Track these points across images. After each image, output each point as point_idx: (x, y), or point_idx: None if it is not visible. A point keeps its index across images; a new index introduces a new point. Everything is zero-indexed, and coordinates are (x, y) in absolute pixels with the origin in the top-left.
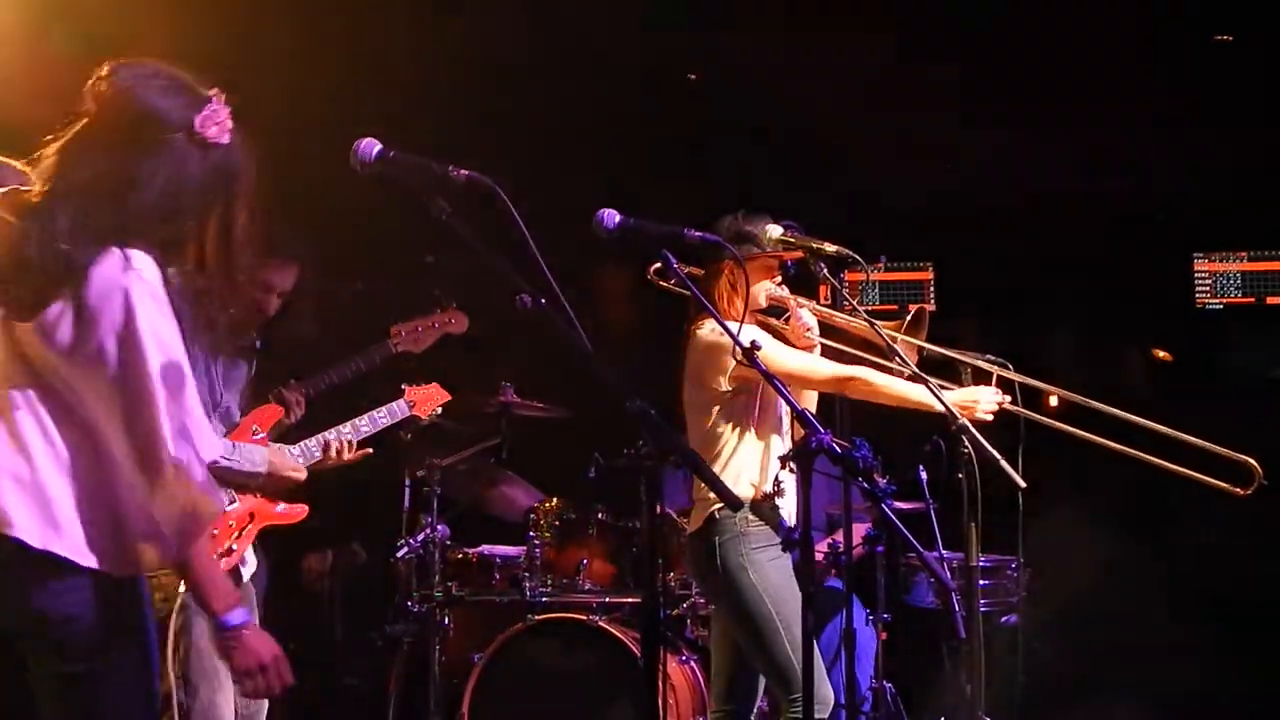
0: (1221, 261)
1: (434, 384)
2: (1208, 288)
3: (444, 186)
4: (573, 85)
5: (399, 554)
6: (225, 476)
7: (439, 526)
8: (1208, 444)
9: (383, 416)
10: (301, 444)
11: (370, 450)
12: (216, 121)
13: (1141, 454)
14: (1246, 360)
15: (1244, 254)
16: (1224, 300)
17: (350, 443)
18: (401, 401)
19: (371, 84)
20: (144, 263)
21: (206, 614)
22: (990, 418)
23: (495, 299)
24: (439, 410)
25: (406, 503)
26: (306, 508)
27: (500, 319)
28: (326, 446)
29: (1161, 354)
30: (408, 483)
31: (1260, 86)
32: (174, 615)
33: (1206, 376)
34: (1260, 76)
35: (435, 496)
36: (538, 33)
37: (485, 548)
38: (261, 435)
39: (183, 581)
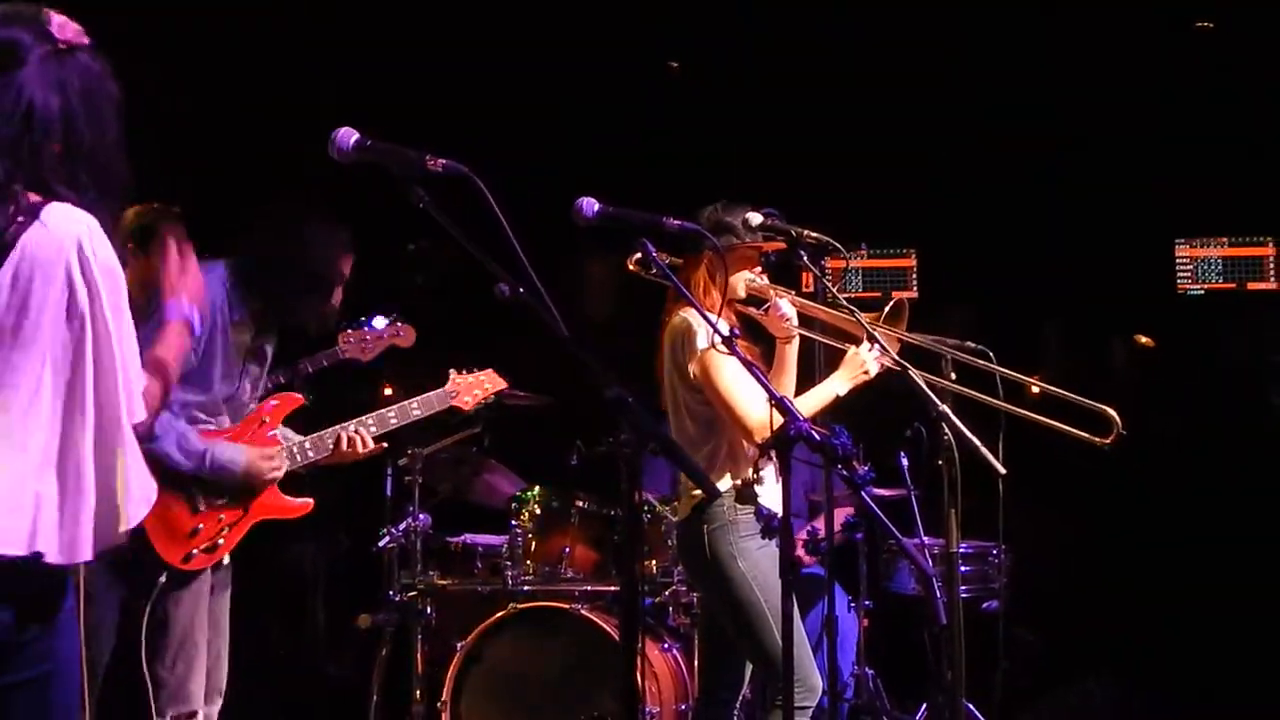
0: (1202, 247)
1: (488, 370)
2: (1189, 273)
3: (422, 174)
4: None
5: (381, 543)
6: (200, 477)
7: (421, 515)
8: (1072, 395)
9: (416, 408)
10: (312, 436)
11: (385, 445)
12: (69, 26)
13: (1019, 410)
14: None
15: (1225, 239)
16: (1205, 286)
17: (367, 436)
18: (441, 391)
19: (343, 66)
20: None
21: None
22: (878, 368)
23: (475, 287)
24: (488, 401)
25: (389, 491)
26: (311, 502)
27: (480, 307)
28: (339, 440)
29: (1143, 340)
30: (389, 471)
31: (1240, 72)
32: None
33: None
34: (1240, 62)
35: (417, 485)
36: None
37: (467, 536)
38: (271, 424)
39: None
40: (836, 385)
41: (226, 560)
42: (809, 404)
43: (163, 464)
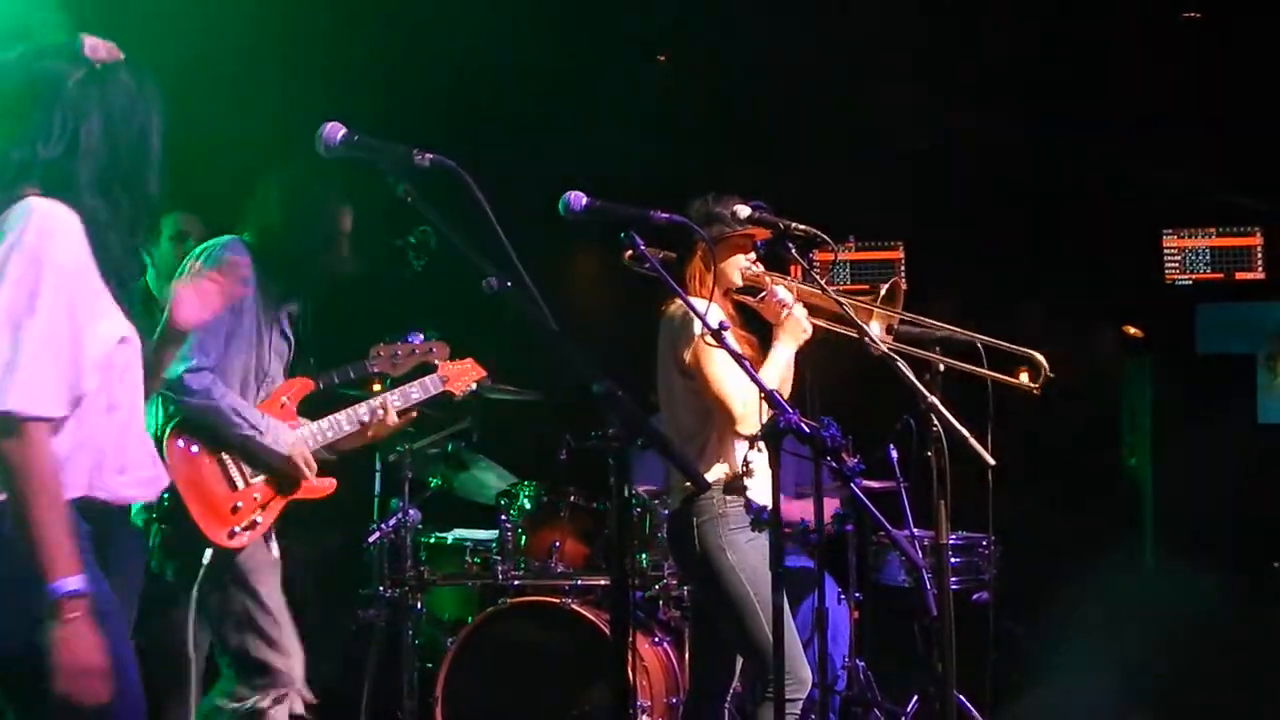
0: (1190, 237)
1: (469, 360)
2: (1177, 263)
3: (409, 169)
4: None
5: (371, 538)
6: (249, 447)
7: (411, 511)
8: (1001, 343)
9: (415, 391)
10: (330, 418)
11: (415, 414)
12: (99, 45)
13: (958, 363)
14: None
15: (1213, 230)
16: (1193, 276)
17: (392, 409)
18: (435, 376)
19: (328, 63)
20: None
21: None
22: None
23: (463, 281)
24: (474, 387)
25: (378, 487)
26: (334, 481)
27: (468, 301)
28: (371, 413)
29: (1132, 330)
30: (379, 467)
31: (1229, 62)
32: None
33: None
34: (1229, 52)
35: (407, 481)
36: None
37: (458, 531)
38: (289, 407)
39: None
40: (784, 351)
41: (275, 553)
42: (770, 374)
43: (218, 424)
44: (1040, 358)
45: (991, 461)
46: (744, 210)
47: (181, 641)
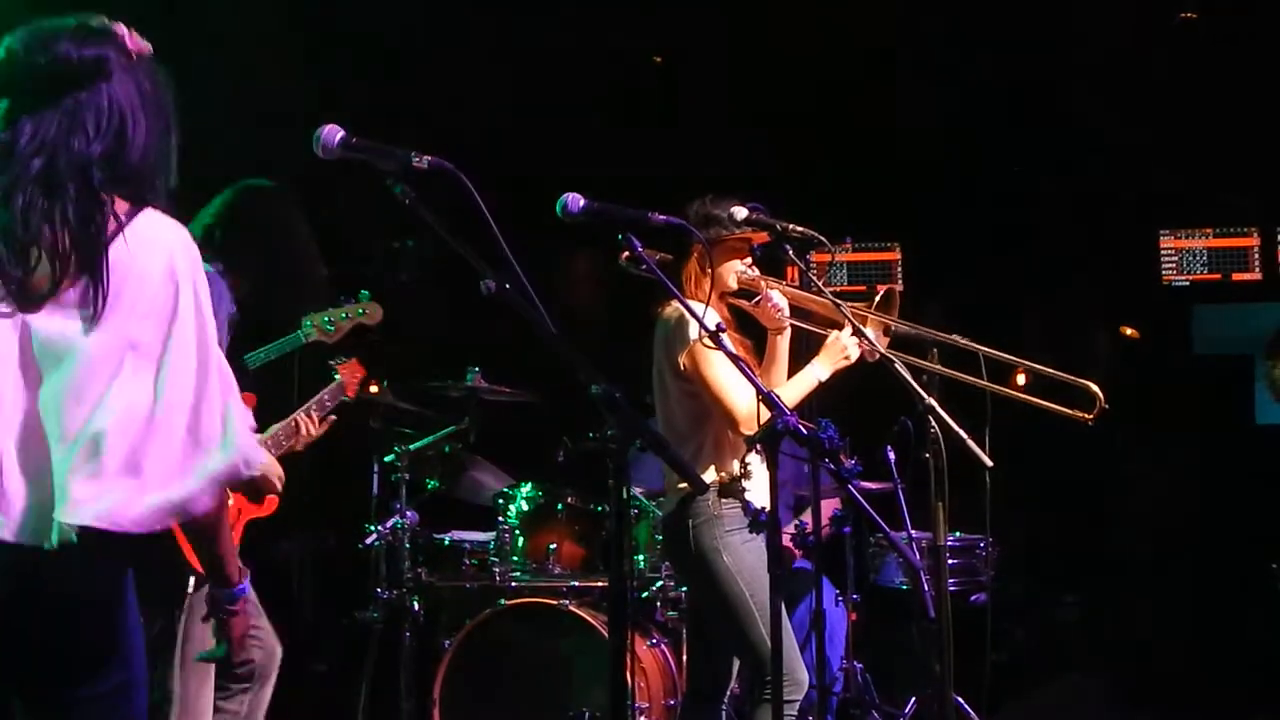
0: (1187, 238)
1: (352, 360)
2: (1174, 264)
3: (407, 172)
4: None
5: (369, 540)
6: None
7: (408, 512)
8: (1054, 371)
9: (327, 399)
10: (270, 432)
11: (335, 418)
12: (134, 37)
13: (1006, 390)
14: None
15: (1209, 230)
16: (1190, 277)
17: (306, 423)
18: (335, 385)
19: (323, 63)
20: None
21: (216, 583)
22: (858, 352)
23: (461, 283)
24: (367, 390)
25: (376, 489)
26: (276, 499)
27: (466, 303)
28: (296, 427)
29: (1129, 331)
30: (376, 469)
31: (1226, 63)
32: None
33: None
34: (1226, 53)
35: (404, 482)
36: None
37: (455, 533)
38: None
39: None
40: (818, 371)
41: None
42: (793, 392)
43: None
44: (1095, 388)
45: (989, 463)
46: (741, 212)
47: (165, 675)
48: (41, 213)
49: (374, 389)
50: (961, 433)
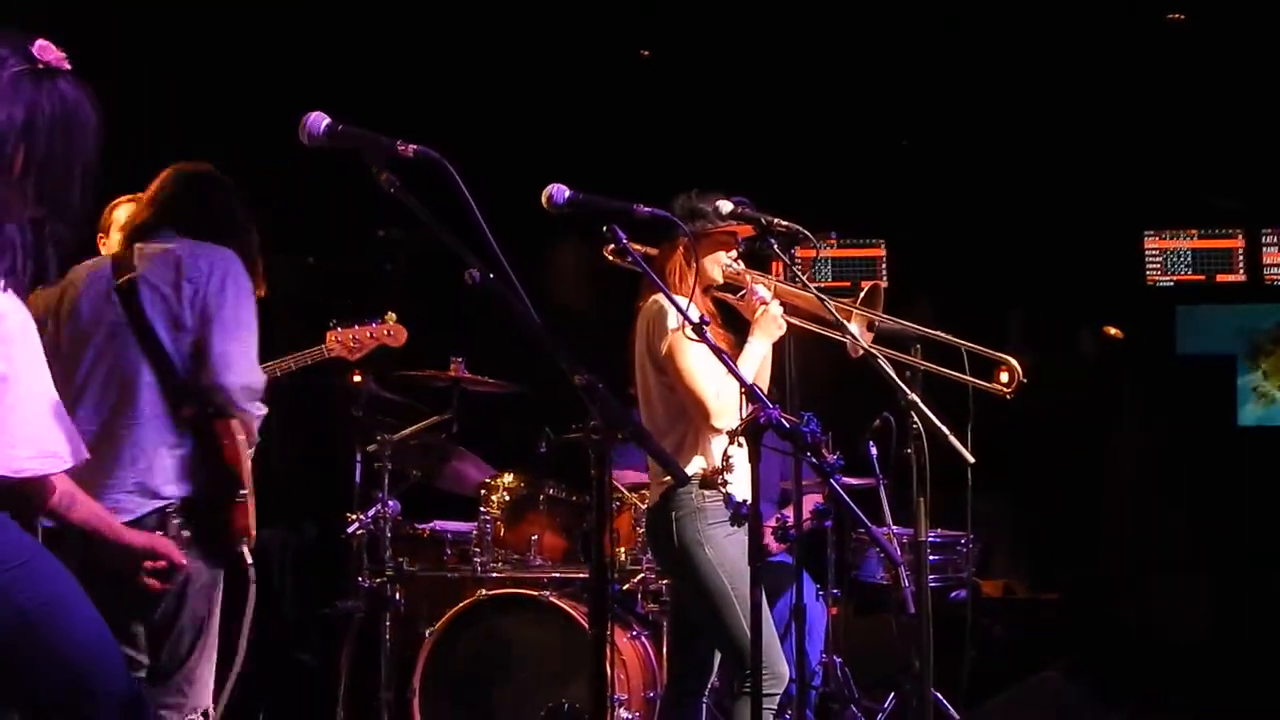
0: (1172, 239)
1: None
2: (1158, 264)
3: (393, 160)
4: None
5: (350, 529)
6: None
7: (390, 502)
8: (974, 346)
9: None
10: None
11: None
12: (50, 50)
13: (932, 365)
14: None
15: (1194, 231)
16: (1174, 278)
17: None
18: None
19: (312, 55)
20: None
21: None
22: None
23: (445, 273)
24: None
25: (358, 478)
26: None
27: (450, 293)
28: None
29: (1112, 331)
30: (358, 458)
31: (1212, 63)
32: None
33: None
34: (1212, 54)
35: (386, 472)
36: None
37: (437, 523)
38: None
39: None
40: (759, 346)
41: None
42: (745, 370)
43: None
44: (1015, 362)
45: (971, 459)
46: (726, 205)
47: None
48: None
49: (356, 378)
50: (943, 428)
